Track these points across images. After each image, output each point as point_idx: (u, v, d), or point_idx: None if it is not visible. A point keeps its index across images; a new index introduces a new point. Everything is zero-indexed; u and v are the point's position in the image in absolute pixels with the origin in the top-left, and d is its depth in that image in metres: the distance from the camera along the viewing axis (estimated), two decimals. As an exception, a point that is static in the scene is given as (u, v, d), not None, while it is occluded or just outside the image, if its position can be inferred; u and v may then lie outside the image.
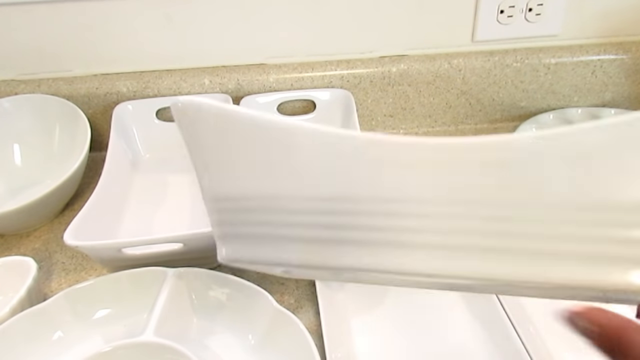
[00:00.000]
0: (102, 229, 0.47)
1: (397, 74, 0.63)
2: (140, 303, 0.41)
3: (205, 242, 0.43)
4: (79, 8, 0.59)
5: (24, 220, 0.52)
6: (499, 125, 0.68)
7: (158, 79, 0.62)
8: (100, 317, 0.42)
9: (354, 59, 0.64)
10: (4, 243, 0.53)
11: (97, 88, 0.62)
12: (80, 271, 0.49)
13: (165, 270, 0.42)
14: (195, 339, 0.40)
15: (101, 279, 0.42)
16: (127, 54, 0.63)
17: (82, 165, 0.54)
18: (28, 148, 0.61)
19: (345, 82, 0.63)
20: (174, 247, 0.43)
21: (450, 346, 0.39)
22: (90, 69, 0.63)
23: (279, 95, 0.62)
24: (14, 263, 0.44)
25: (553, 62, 0.64)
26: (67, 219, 0.48)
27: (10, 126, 0.60)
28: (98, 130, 0.63)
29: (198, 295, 0.42)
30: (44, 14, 0.59)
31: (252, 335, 0.40)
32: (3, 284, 0.44)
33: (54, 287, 0.47)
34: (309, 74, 0.63)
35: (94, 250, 0.43)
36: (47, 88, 0.62)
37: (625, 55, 0.64)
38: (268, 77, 0.62)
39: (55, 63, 0.63)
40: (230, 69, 0.63)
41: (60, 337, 0.40)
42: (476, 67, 0.63)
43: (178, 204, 0.54)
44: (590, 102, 0.67)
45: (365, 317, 0.42)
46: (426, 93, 0.65)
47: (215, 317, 0.41)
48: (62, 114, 0.59)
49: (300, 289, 0.45)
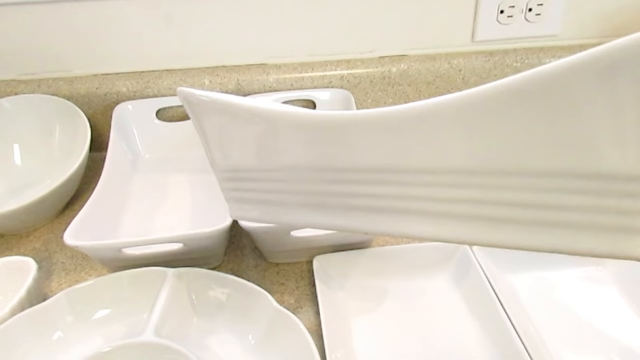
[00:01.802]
0: (102, 229, 0.47)
1: (397, 74, 0.63)
2: (140, 303, 0.41)
3: (205, 242, 0.43)
4: (79, 8, 0.59)
5: (24, 220, 0.52)
6: (499, 125, 0.68)
7: (158, 79, 0.62)
8: (100, 317, 0.42)
9: (354, 59, 0.64)
10: (4, 243, 0.53)
11: (97, 88, 0.62)
12: (80, 271, 0.49)
13: (165, 270, 0.42)
14: (195, 339, 0.40)
15: (101, 279, 0.42)
16: (127, 54, 0.63)
17: (82, 165, 0.54)
18: (28, 148, 0.61)
19: (345, 82, 0.63)
20: (174, 247, 0.43)
21: (450, 346, 0.39)
22: (90, 69, 0.63)
23: (279, 95, 0.62)
24: (14, 263, 0.44)
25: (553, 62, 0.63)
26: (67, 219, 0.48)
27: (10, 126, 0.60)
28: (98, 130, 0.63)
29: (198, 295, 0.42)
30: (44, 14, 0.59)
31: (252, 335, 0.40)
32: (3, 284, 0.44)
33: (54, 287, 0.47)
34: (309, 74, 0.63)
35: (94, 250, 0.43)
36: (47, 88, 0.62)
37: (625, 55, 0.64)
38: (268, 77, 0.62)
39: (55, 63, 0.63)
40: (230, 69, 0.63)
41: (60, 337, 0.40)
42: (476, 67, 0.63)
43: (178, 204, 0.54)
44: (590, 102, 0.67)
45: (365, 317, 0.42)
46: (426, 93, 0.65)
47: (215, 317, 0.41)
48: (62, 114, 0.59)
49: (300, 289, 0.45)
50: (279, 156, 0.27)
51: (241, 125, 0.29)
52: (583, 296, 0.42)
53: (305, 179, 0.27)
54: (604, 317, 0.40)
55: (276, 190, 0.29)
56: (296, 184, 0.27)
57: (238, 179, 0.31)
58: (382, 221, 0.24)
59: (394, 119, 0.22)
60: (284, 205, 0.29)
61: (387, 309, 0.42)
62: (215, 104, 0.29)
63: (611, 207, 0.18)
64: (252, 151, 0.29)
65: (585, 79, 0.18)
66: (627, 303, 0.41)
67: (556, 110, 0.18)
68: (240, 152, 0.30)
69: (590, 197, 0.18)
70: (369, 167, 0.24)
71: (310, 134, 0.26)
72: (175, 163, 0.60)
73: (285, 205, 0.29)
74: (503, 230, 0.20)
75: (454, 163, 0.21)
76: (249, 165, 0.29)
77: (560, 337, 0.39)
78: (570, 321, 0.40)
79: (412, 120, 0.22)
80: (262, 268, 0.48)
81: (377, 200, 0.24)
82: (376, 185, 0.24)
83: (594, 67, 0.18)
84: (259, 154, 0.28)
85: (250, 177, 0.30)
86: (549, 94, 0.19)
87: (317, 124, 0.25)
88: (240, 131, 0.29)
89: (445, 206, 0.22)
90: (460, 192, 0.21)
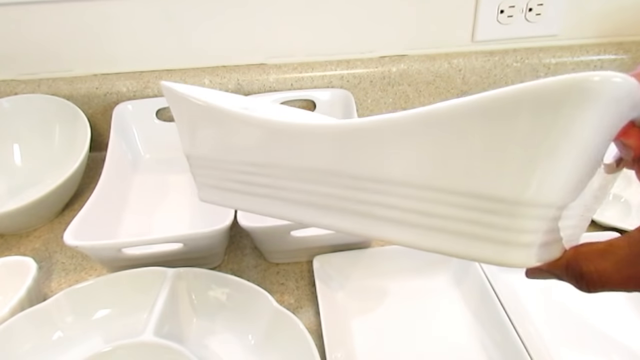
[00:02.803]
0: (102, 229, 0.47)
1: (397, 74, 0.63)
2: (140, 303, 0.41)
3: (205, 242, 0.43)
4: (79, 8, 0.59)
5: (24, 220, 0.52)
6: (499, 125, 0.68)
7: (158, 79, 0.62)
8: (100, 317, 0.42)
9: (354, 59, 0.64)
10: (4, 243, 0.53)
11: (97, 88, 0.62)
12: (80, 271, 0.49)
13: (165, 270, 0.42)
14: (195, 339, 0.40)
15: (101, 279, 0.42)
16: (127, 54, 0.63)
17: (82, 165, 0.54)
18: (28, 148, 0.61)
19: (345, 82, 0.63)
20: (174, 247, 0.43)
21: (450, 346, 0.39)
22: (90, 69, 0.63)
23: (279, 95, 0.62)
24: (14, 263, 0.44)
25: (553, 62, 0.64)
26: (67, 219, 0.48)
27: (10, 126, 0.60)
28: (98, 130, 0.63)
29: (198, 295, 0.42)
30: (44, 14, 0.59)
31: (252, 335, 0.40)
32: (3, 284, 0.44)
33: (54, 287, 0.47)
34: (309, 74, 0.63)
35: (94, 250, 0.43)
36: (47, 88, 0.62)
37: (625, 55, 0.64)
38: (268, 77, 0.62)
39: (55, 63, 0.63)
40: (230, 69, 0.63)
41: (60, 337, 0.40)
42: (476, 67, 0.63)
43: (178, 204, 0.54)
44: (590, 102, 0.67)
45: (365, 317, 0.42)
46: (426, 93, 0.65)
47: (215, 317, 0.41)
48: (62, 114, 0.59)
49: (300, 289, 0.45)
50: (244, 152, 0.31)
51: (206, 120, 0.32)
52: (583, 296, 0.42)
53: (262, 173, 0.30)
54: (604, 317, 0.40)
55: (239, 180, 0.32)
56: (257, 177, 0.31)
57: (206, 167, 0.34)
58: (318, 216, 0.28)
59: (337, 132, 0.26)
60: (245, 194, 0.32)
61: (387, 309, 0.42)
62: (188, 101, 0.33)
63: (497, 223, 0.21)
64: (221, 146, 0.32)
65: (473, 118, 0.20)
66: (627, 303, 0.41)
67: (455, 139, 0.21)
68: (204, 143, 0.33)
69: (479, 213, 0.21)
70: (317, 168, 0.27)
71: (269, 137, 0.29)
72: (175, 163, 0.60)
73: (246, 194, 0.32)
74: (412, 233, 0.24)
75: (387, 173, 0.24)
76: (216, 157, 0.33)
77: (560, 337, 0.39)
78: (570, 321, 0.40)
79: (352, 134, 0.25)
80: (262, 268, 0.48)
81: (314, 196, 0.28)
82: (318, 185, 0.27)
83: (479, 111, 0.20)
84: (227, 149, 0.32)
85: (217, 167, 0.33)
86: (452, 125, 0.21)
87: (277, 130, 0.28)
88: (205, 124, 0.33)
89: (376, 209, 0.25)
90: (391, 199, 0.24)
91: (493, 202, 0.21)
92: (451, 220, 0.22)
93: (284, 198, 0.30)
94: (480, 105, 0.20)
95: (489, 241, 0.21)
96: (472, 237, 0.22)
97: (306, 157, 0.27)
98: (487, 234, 0.21)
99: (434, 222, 0.23)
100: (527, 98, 0.19)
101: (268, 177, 0.30)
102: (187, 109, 0.33)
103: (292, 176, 0.29)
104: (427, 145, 0.22)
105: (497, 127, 0.20)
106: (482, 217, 0.21)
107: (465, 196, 0.21)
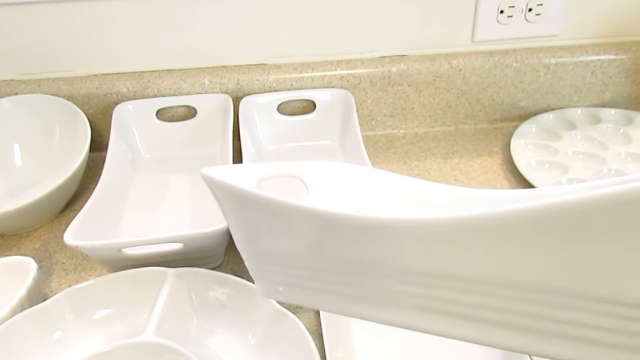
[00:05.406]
0: (102, 229, 0.47)
1: (397, 74, 0.63)
2: (140, 303, 0.41)
3: (205, 242, 0.43)
4: (79, 8, 0.59)
5: (24, 220, 0.52)
6: (498, 125, 0.68)
7: (158, 79, 0.62)
8: (100, 317, 0.42)
9: (354, 59, 0.64)
10: (4, 243, 0.53)
11: (97, 88, 0.62)
12: (80, 271, 0.49)
13: (165, 270, 0.42)
14: (195, 339, 0.40)
15: (101, 279, 0.42)
16: (127, 54, 0.63)
17: (82, 165, 0.54)
18: (28, 148, 0.61)
19: (345, 82, 0.63)
20: (174, 247, 0.43)
21: (450, 346, 0.39)
22: (90, 69, 0.63)
23: (279, 95, 0.62)
24: (14, 263, 0.44)
25: (553, 62, 0.64)
26: (67, 219, 0.48)
27: (10, 126, 0.60)
28: (98, 130, 0.63)
29: (198, 295, 0.42)
30: (44, 14, 0.59)
31: (252, 335, 0.40)
32: (3, 284, 0.44)
33: (54, 287, 0.47)
34: (309, 74, 0.63)
35: (94, 250, 0.43)
36: (47, 88, 0.62)
37: (625, 55, 0.64)
38: (268, 77, 0.62)
39: (55, 63, 0.63)
40: (230, 69, 0.63)
41: (60, 337, 0.40)
42: (476, 67, 0.63)
43: (178, 204, 0.54)
44: (590, 102, 0.67)
45: (365, 317, 0.42)
46: (426, 93, 0.65)
47: (215, 317, 0.41)
48: (62, 114, 0.59)
49: (300, 289, 0.45)
50: (298, 247, 0.28)
51: (256, 213, 0.29)
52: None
53: (327, 270, 0.28)
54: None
55: (300, 276, 0.30)
56: (319, 273, 0.28)
57: (264, 262, 0.31)
58: (379, 311, 0.27)
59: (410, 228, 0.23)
60: (308, 289, 0.30)
61: (387, 309, 0.42)
62: (235, 194, 0.29)
63: (620, 329, 0.19)
64: (270, 238, 0.29)
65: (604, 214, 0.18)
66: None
67: (579, 239, 0.19)
68: (258, 237, 0.30)
69: (601, 318, 0.19)
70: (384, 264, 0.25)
71: (337, 233, 0.26)
72: (175, 163, 0.60)
73: (309, 290, 0.30)
74: (522, 338, 0.23)
75: (475, 273, 0.23)
76: (266, 250, 0.30)
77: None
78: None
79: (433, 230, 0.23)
80: (262, 268, 0.48)
81: (385, 294, 0.26)
82: (386, 281, 0.25)
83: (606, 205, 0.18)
84: (277, 241, 0.29)
85: (275, 262, 0.31)
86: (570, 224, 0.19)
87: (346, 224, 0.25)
88: (255, 218, 0.29)
89: (460, 308, 0.24)
90: (480, 299, 0.23)
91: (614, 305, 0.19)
92: (569, 324, 0.20)
93: (393, 303, 0.27)
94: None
95: (610, 347, 0.19)
96: (589, 341, 0.20)
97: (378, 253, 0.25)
98: (610, 340, 0.19)
99: (551, 327, 0.21)
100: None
101: (339, 274, 0.27)
102: (248, 207, 0.29)
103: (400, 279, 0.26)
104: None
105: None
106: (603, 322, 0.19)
107: (586, 299, 0.19)
